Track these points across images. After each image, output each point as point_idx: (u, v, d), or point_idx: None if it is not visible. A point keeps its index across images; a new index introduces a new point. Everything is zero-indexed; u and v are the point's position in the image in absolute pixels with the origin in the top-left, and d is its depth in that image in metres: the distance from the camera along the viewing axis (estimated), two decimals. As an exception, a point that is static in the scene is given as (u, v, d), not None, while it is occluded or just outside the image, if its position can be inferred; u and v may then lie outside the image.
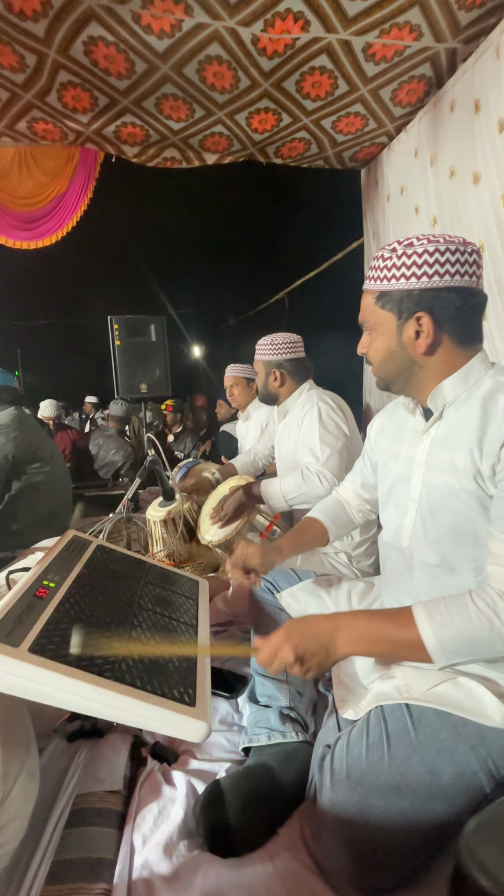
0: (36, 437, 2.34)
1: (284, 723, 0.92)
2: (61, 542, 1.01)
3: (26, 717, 0.77)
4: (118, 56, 2.35)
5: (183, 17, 2.09)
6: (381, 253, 0.89)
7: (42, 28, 2.17)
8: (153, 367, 3.82)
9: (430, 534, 0.88)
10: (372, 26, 2.07)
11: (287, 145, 3.11)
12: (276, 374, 1.74)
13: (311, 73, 2.45)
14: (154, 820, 0.77)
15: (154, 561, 1.14)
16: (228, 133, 2.99)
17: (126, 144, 3.13)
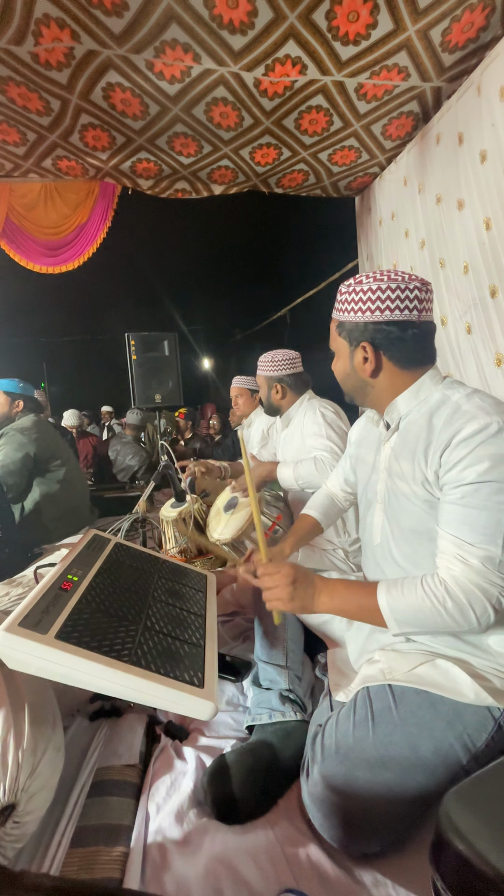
0: (54, 440, 2.39)
1: (284, 703, 0.93)
2: (83, 541, 1.04)
3: (53, 698, 0.79)
4: (133, 100, 2.40)
5: (192, 63, 2.14)
6: (341, 287, 0.94)
7: (65, 76, 2.23)
8: (167, 380, 3.87)
9: (395, 533, 0.92)
10: (363, 69, 2.11)
11: (287, 176, 3.15)
12: (277, 387, 1.77)
13: (309, 111, 2.48)
14: (167, 791, 0.79)
15: (167, 557, 1.16)
16: (234, 166, 3.04)
17: (141, 178, 3.19)
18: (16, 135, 2.66)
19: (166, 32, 1.94)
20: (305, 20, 1.89)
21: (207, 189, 3.30)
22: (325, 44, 1.98)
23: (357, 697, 0.80)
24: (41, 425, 2.31)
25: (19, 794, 0.65)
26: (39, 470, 2.25)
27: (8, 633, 0.66)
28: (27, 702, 0.76)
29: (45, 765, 0.70)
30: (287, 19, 1.88)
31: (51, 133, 2.64)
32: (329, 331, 0.99)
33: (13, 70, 2.16)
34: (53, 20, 1.90)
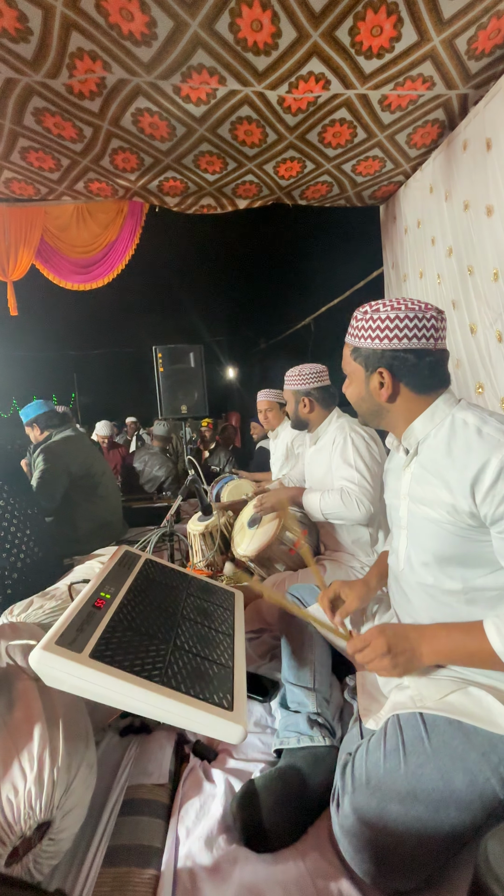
0: (90, 454, 2.46)
1: (312, 727, 0.92)
2: (115, 557, 1.06)
3: (85, 714, 0.81)
4: (161, 123, 2.48)
5: (217, 86, 2.20)
6: (356, 313, 0.94)
7: (97, 105, 2.33)
8: (192, 391, 3.94)
9: (420, 557, 0.90)
10: (387, 81, 2.10)
11: (311, 188, 3.16)
12: (304, 401, 1.76)
13: (332, 124, 2.49)
14: (196, 814, 0.79)
15: (194, 573, 1.17)
16: (258, 181, 3.08)
17: (168, 196, 3.28)
18: (51, 161, 2.78)
19: (193, 58, 2.00)
20: (329, 37, 1.91)
21: (232, 204, 3.36)
22: (348, 59, 2.00)
23: (387, 725, 0.78)
24: (78, 440, 2.39)
25: (54, 811, 0.67)
26: (75, 484, 2.32)
27: (46, 651, 0.68)
28: (61, 717, 0.78)
29: (79, 782, 0.72)
30: (310, 38, 1.90)
31: (83, 158, 2.76)
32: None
33: (49, 101, 2.27)
34: (86, 53, 1.99)
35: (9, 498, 1.57)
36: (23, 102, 2.26)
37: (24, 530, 1.61)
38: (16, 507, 1.61)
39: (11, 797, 0.64)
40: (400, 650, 0.82)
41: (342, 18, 1.82)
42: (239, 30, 1.86)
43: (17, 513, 1.61)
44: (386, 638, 0.83)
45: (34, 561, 1.61)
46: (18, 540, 1.57)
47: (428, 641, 0.82)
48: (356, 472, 1.53)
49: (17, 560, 1.54)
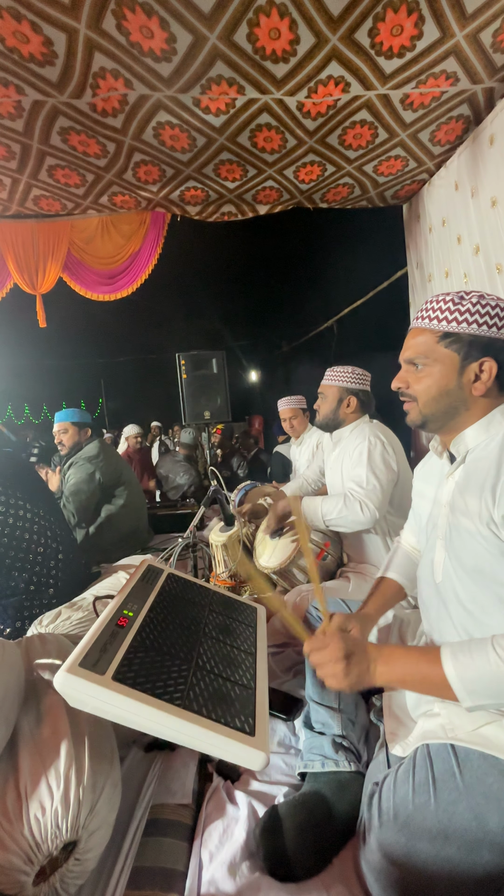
0: (119, 464, 2.51)
1: (337, 751, 0.90)
2: (138, 571, 1.07)
3: (111, 732, 0.82)
4: (182, 135, 2.50)
5: (236, 95, 2.20)
6: (447, 297, 0.88)
7: (120, 121, 2.37)
8: (215, 396, 3.96)
9: (458, 572, 0.86)
10: (409, 79, 2.05)
11: (332, 191, 3.13)
12: (350, 400, 1.71)
13: (353, 126, 2.45)
14: (219, 838, 0.79)
15: (217, 587, 1.17)
16: (278, 186, 3.07)
17: (189, 205, 3.31)
18: (76, 177, 2.86)
19: (212, 70, 2.01)
20: (347, 40, 1.88)
21: (253, 210, 3.36)
22: (368, 60, 1.96)
23: (416, 755, 0.75)
24: (106, 451, 2.45)
25: (80, 830, 0.67)
26: (105, 495, 2.37)
27: (70, 674, 0.69)
28: (87, 734, 0.79)
29: (104, 801, 0.72)
30: (329, 42, 1.88)
31: (107, 172, 2.82)
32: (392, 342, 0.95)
33: (74, 120, 2.33)
34: (109, 72, 2.03)
35: (36, 515, 1.60)
36: (50, 123, 2.33)
37: (56, 548, 1.64)
38: (44, 518, 1.63)
39: (39, 815, 0.66)
40: (356, 661, 0.79)
41: (361, 20, 1.79)
42: (257, 39, 1.86)
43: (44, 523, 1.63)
44: (346, 644, 0.80)
45: (65, 572, 1.64)
46: (53, 559, 1.60)
47: (385, 660, 0.80)
48: (364, 474, 1.50)
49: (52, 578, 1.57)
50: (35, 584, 1.52)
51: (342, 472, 1.65)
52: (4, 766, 0.74)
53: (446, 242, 2.73)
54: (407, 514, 1.58)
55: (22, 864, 0.63)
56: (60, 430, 2.50)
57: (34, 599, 1.52)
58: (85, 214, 3.34)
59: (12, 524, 1.51)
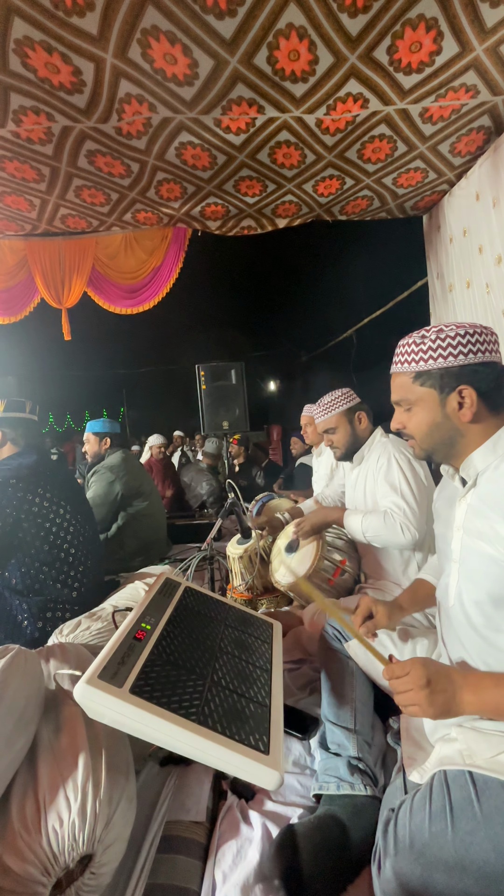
0: (139, 475, 2.56)
1: (353, 774, 0.88)
2: (156, 584, 1.09)
3: (127, 745, 0.83)
4: (203, 154, 2.57)
5: (256, 115, 2.25)
6: (409, 340, 0.92)
7: (143, 143, 2.45)
8: (234, 407, 4.01)
9: (472, 595, 0.84)
10: (428, 94, 2.07)
11: (351, 203, 3.15)
12: (360, 416, 1.71)
13: (371, 141, 2.47)
14: (233, 858, 0.78)
15: (233, 602, 1.17)
16: (297, 200, 3.11)
17: (209, 220, 3.38)
18: (102, 197, 2.97)
19: (232, 92, 2.07)
20: (366, 58, 1.90)
21: (272, 223, 3.41)
22: (386, 77, 1.98)
23: (433, 782, 0.73)
24: (128, 461, 2.50)
25: (96, 844, 0.68)
26: (125, 504, 2.42)
27: (89, 685, 0.71)
28: (104, 747, 0.80)
29: (119, 816, 0.73)
30: (347, 61, 1.91)
31: (130, 191, 2.91)
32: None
33: (101, 143, 2.43)
34: (134, 97, 2.11)
35: (70, 517, 1.64)
36: (77, 146, 2.44)
37: (84, 553, 1.68)
38: (77, 525, 1.67)
39: (57, 827, 0.67)
40: (440, 688, 0.75)
41: (380, 39, 1.81)
42: (277, 61, 1.90)
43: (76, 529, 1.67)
44: (427, 671, 0.77)
45: (88, 579, 1.67)
46: (80, 562, 1.65)
47: (472, 689, 0.76)
48: (401, 496, 1.48)
49: (77, 582, 1.61)
50: (60, 584, 1.56)
51: (365, 491, 1.63)
52: (24, 776, 0.76)
53: (467, 252, 2.71)
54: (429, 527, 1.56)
55: (39, 876, 0.64)
56: (85, 440, 2.59)
57: (57, 601, 1.56)
58: (109, 231, 3.45)
59: (52, 520, 1.58)
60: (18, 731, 0.81)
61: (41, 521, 1.54)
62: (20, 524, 1.50)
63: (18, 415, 1.70)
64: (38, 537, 1.53)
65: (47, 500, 1.58)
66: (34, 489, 1.56)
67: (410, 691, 0.76)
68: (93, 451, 2.57)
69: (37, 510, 1.54)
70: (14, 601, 1.50)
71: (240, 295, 6.71)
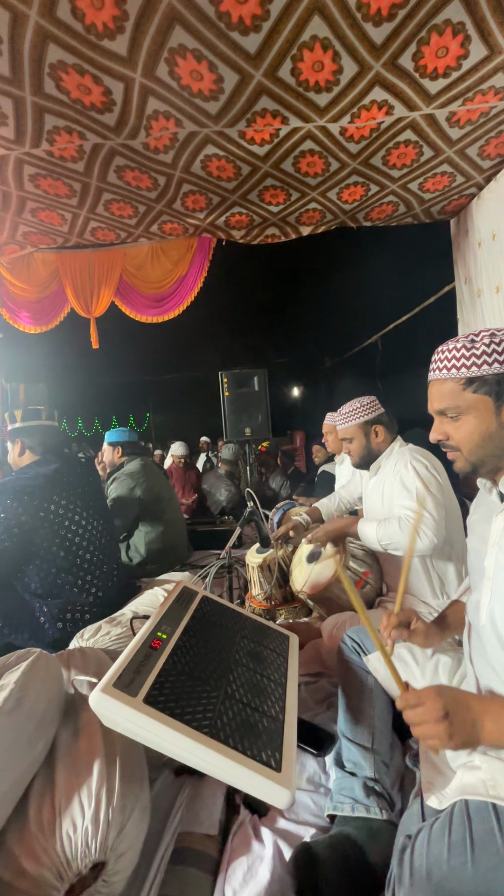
0: (159, 482, 2.60)
1: (368, 796, 0.86)
2: (174, 593, 1.10)
3: (143, 754, 0.83)
4: (227, 165, 2.61)
5: (280, 126, 2.27)
6: (456, 345, 0.87)
7: (170, 156, 2.52)
8: (256, 414, 4.02)
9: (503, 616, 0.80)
10: (454, 98, 2.03)
11: (376, 209, 3.12)
12: (376, 429, 1.69)
13: (397, 147, 2.45)
14: (244, 875, 0.78)
15: (249, 613, 1.17)
16: (321, 208, 3.11)
17: (234, 229, 3.42)
18: (129, 209, 3.06)
19: (257, 105, 2.10)
20: (391, 66, 1.89)
21: (296, 231, 3.42)
22: (412, 83, 1.96)
23: (454, 810, 0.70)
24: (147, 468, 2.55)
25: (108, 852, 0.69)
26: (144, 510, 2.47)
27: (104, 694, 0.72)
28: (119, 755, 0.81)
29: (132, 825, 0.74)
30: (372, 69, 1.90)
31: (157, 203, 2.99)
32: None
33: (129, 159, 2.51)
34: (161, 114, 2.17)
35: (87, 524, 1.69)
36: (107, 162, 2.52)
37: (102, 558, 1.72)
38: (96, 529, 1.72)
39: (71, 833, 0.68)
40: (459, 720, 0.71)
41: (405, 46, 1.80)
42: (301, 73, 1.92)
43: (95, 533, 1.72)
44: (444, 701, 0.72)
45: (106, 584, 1.71)
46: (96, 567, 1.68)
47: (494, 717, 0.72)
48: (417, 501, 1.45)
49: (94, 587, 1.65)
50: (78, 588, 1.60)
51: (383, 498, 1.61)
52: (43, 778, 0.78)
53: (497, 257, 2.64)
54: (451, 539, 1.51)
55: (53, 880, 0.65)
56: (102, 449, 2.68)
57: (75, 604, 1.60)
58: (137, 243, 3.54)
59: (67, 526, 1.62)
60: (38, 733, 0.83)
61: (56, 528, 1.58)
62: (36, 531, 1.54)
63: (35, 423, 1.73)
64: (54, 543, 1.56)
65: (62, 507, 1.61)
66: (49, 497, 1.59)
67: (427, 724, 0.72)
68: (108, 461, 2.64)
69: (52, 517, 1.57)
70: (35, 604, 1.54)
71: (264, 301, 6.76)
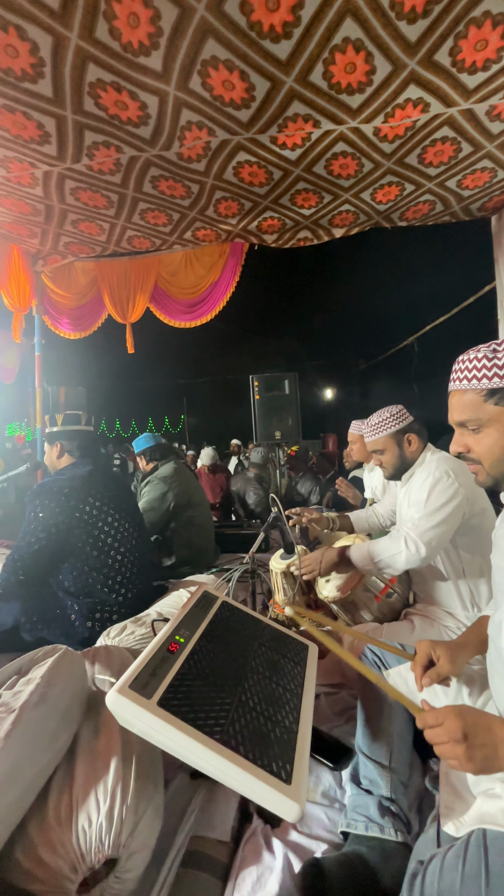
0: (191, 486, 2.64)
1: (384, 815, 0.83)
2: (194, 597, 1.11)
3: (159, 755, 0.85)
4: (259, 171, 2.62)
5: (312, 129, 2.26)
6: (477, 354, 0.85)
7: (203, 165, 2.56)
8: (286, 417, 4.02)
9: None
10: (495, 91, 1.95)
11: (412, 209, 3.04)
12: (409, 438, 1.64)
13: (433, 144, 2.38)
14: (252, 885, 0.78)
15: (269, 620, 1.17)
16: (354, 209, 3.06)
17: (266, 234, 3.43)
18: (164, 218, 3.13)
19: (288, 110, 2.10)
20: (427, 63, 1.84)
21: (329, 234, 3.39)
22: (449, 78, 1.90)
23: (470, 839, 0.67)
24: (180, 472, 2.60)
25: (121, 849, 0.71)
26: (174, 513, 2.52)
27: (119, 694, 0.74)
28: (136, 754, 0.84)
29: (145, 824, 0.76)
30: (406, 67, 1.86)
31: (191, 211, 3.05)
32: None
33: (163, 169, 2.57)
34: (194, 124, 2.21)
35: (119, 525, 1.75)
36: (143, 173, 2.60)
37: (132, 559, 1.77)
38: (127, 531, 1.78)
39: (86, 827, 0.71)
40: (479, 742, 0.68)
41: (441, 42, 1.75)
42: (333, 76, 1.90)
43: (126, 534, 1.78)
44: (464, 722, 0.70)
45: (135, 584, 1.76)
46: (127, 568, 1.74)
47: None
48: (416, 508, 1.42)
49: (123, 587, 1.70)
50: (107, 588, 1.66)
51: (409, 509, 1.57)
52: (63, 771, 0.81)
53: (542, 255, 2.51)
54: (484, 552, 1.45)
55: (68, 871, 0.68)
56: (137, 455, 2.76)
57: (105, 604, 1.65)
58: (171, 249, 3.62)
59: (100, 527, 1.68)
60: (61, 728, 0.86)
61: (90, 528, 1.64)
62: (72, 530, 1.61)
63: (74, 427, 1.82)
64: (87, 543, 1.63)
65: (97, 508, 1.68)
66: (84, 498, 1.66)
67: (446, 744, 0.70)
68: (140, 467, 2.72)
69: (86, 518, 1.64)
70: (67, 601, 1.61)
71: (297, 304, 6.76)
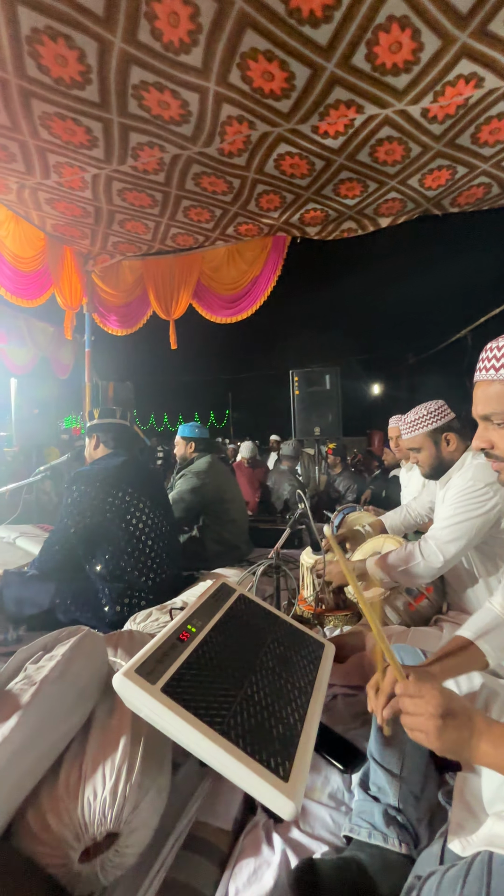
0: (224, 481, 2.67)
1: (389, 825, 0.80)
2: (211, 589, 1.13)
3: (168, 740, 0.87)
4: (301, 162, 2.58)
5: (354, 115, 2.19)
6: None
7: (244, 159, 2.56)
8: (327, 413, 3.94)
9: None
10: None
11: (464, 194, 2.87)
12: (448, 437, 1.55)
13: (488, 122, 2.23)
14: (248, 877, 0.78)
15: (286, 616, 1.16)
16: (402, 196, 2.93)
17: (309, 226, 3.37)
18: (206, 214, 3.17)
19: (330, 96, 2.04)
20: (480, 34, 1.72)
21: (374, 224, 3.27)
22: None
23: (474, 861, 0.62)
24: (214, 467, 2.64)
25: (122, 825, 0.74)
26: (208, 508, 2.56)
27: (125, 678, 0.77)
28: (144, 736, 0.87)
29: (147, 803, 0.78)
30: (457, 41, 1.75)
31: (233, 206, 3.06)
32: None
33: (205, 165, 2.60)
34: (234, 119, 2.21)
35: (150, 513, 1.83)
36: (185, 171, 2.64)
37: (161, 547, 1.84)
38: (157, 519, 1.85)
39: (91, 799, 0.75)
40: (455, 725, 0.65)
41: (497, 9, 1.63)
42: (377, 57, 1.83)
43: (156, 523, 1.85)
44: (448, 703, 0.67)
45: (164, 572, 1.82)
46: (156, 554, 1.81)
47: (494, 740, 0.65)
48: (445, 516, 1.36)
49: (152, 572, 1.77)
50: (137, 572, 1.73)
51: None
52: (77, 745, 0.85)
53: None
54: None
55: (71, 840, 0.72)
56: (175, 442, 2.81)
57: (133, 589, 1.73)
58: (214, 245, 3.66)
59: (132, 513, 1.77)
60: (78, 704, 0.91)
61: (122, 514, 1.74)
62: (105, 515, 1.71)
63: (110, 420, 1.95)
64: (119, 528, 1.72)
65: (129, 495, 1.77)
66: (118, 485, 1.77)
67: (420, 716, 0.67)
68: (180, 454, 2.76)
69: (119, 503, 1.74)
70: (99, 585, 1.70)
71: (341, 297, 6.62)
